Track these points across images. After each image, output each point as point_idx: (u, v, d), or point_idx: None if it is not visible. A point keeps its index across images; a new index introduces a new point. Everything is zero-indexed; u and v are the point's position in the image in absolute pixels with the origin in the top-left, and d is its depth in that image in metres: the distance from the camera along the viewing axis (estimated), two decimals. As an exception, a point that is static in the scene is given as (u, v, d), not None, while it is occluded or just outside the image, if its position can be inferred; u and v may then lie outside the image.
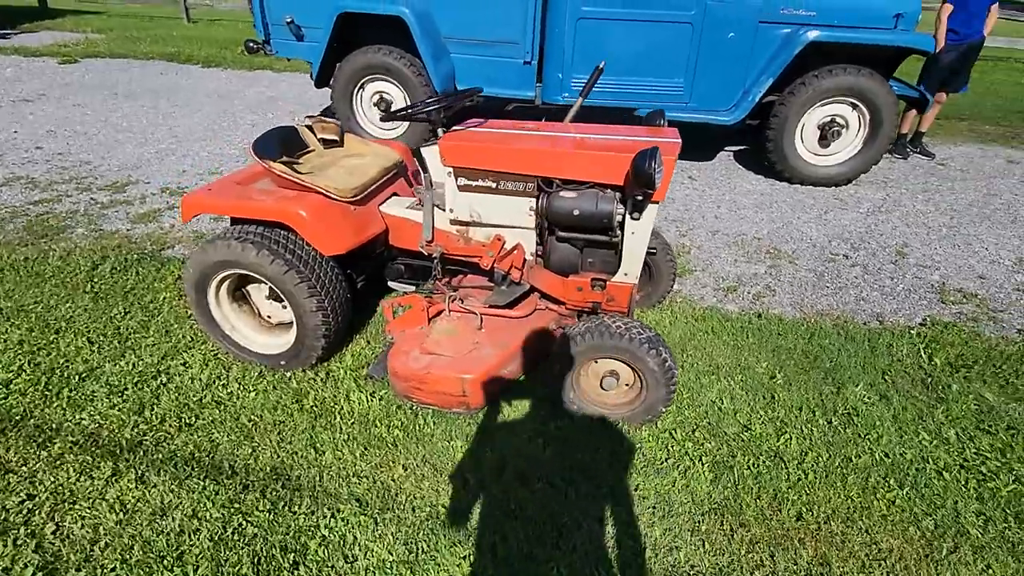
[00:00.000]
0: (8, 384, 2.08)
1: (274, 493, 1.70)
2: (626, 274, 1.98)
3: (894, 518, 1.67)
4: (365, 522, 1.62)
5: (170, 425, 1.94)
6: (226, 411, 2.00)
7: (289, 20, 4.39)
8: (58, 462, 1.78)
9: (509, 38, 4.19)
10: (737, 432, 1.96)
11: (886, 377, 2.25)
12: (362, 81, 4.39)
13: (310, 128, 2.41)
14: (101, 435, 1.89)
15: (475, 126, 2.13)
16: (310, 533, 1.59)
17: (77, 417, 1.95)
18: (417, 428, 1.95)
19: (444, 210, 2.09)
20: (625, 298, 2.03)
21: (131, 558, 1.51)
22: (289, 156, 2.24)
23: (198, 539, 1.56)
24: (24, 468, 1.75)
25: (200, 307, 2.17)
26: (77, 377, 2.13)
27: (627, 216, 1.86)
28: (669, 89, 4.10)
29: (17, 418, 1.93)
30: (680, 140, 1.90)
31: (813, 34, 3.74)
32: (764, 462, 1.84)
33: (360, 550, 1.54)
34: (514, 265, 2.06)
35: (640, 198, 1.80)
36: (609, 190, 1.86)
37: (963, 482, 1.80)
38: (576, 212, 1.87)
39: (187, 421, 1.95)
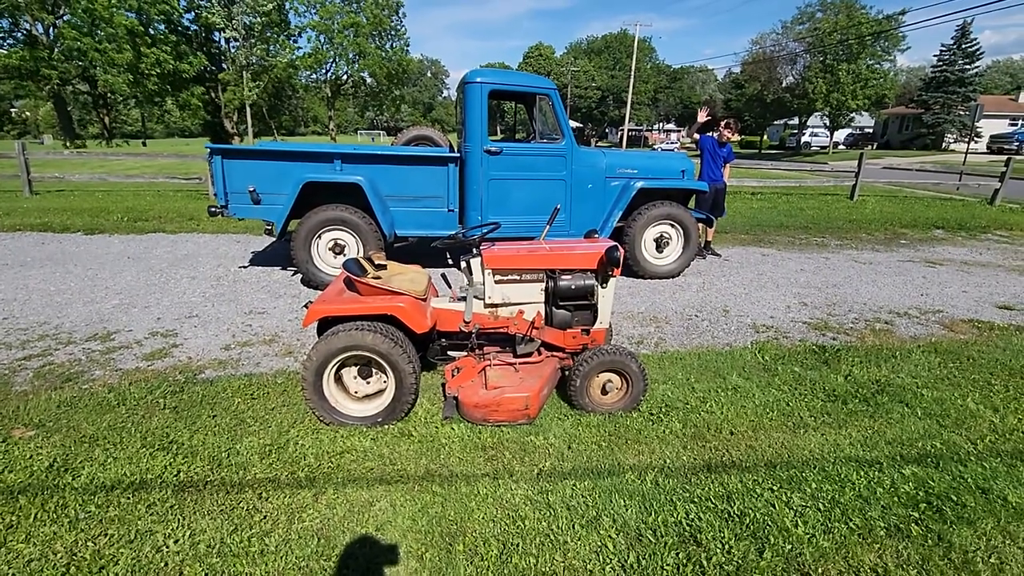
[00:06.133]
0: (169, 468, 2.57)
1: (459, 478, 2.52)
2: (601, 322, 3.28)
3: (774, 425, 3.07)
4: (503, 483, 2.52)
5: (327, 466, 2.63)
6: (361, 453, 2.74)
7: (251, 189, 5.33)
8: (284, 489, 2.39)
9: (437, 194, 5.63)
10: (683, 405, 3.26)
11: (745, 369, 3.80)
12: (320, 232, 5.40)
13: (367, 259, 3.43)
14: (297, 474, 2.53)
15: (490, 246, 3.37)
16: (484, 497, 2.44)
17: (255, 471, 2.55)
18: (502, 433, 2.91)
19: (481, 299, 3.23)
20: (602, 337, 3.31)
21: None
22: (363, 275, 3.23)
23: (442, 502, 2.33)
24: (268, 504, 2.34)
25: (316, 388, 2.93)
26: (226, 454, 2.69)
27: (599, 287, 3.20)
28: (556, 223, 5.79)
29: (203, 483, 2.47)
30: (616, 244, 3.35)
31: (640, 184, 5.82)
32: (703, 415, 3.15)
33: (511, 494, 2.44)
34: (534, 326, 3.24)
35: (607, 275, 3.17)
36: (589, 272, 3.20)
37: (798, 404, 3.29)
38: (573, 287, 3.16)
39: (336, 462, 2.66)
